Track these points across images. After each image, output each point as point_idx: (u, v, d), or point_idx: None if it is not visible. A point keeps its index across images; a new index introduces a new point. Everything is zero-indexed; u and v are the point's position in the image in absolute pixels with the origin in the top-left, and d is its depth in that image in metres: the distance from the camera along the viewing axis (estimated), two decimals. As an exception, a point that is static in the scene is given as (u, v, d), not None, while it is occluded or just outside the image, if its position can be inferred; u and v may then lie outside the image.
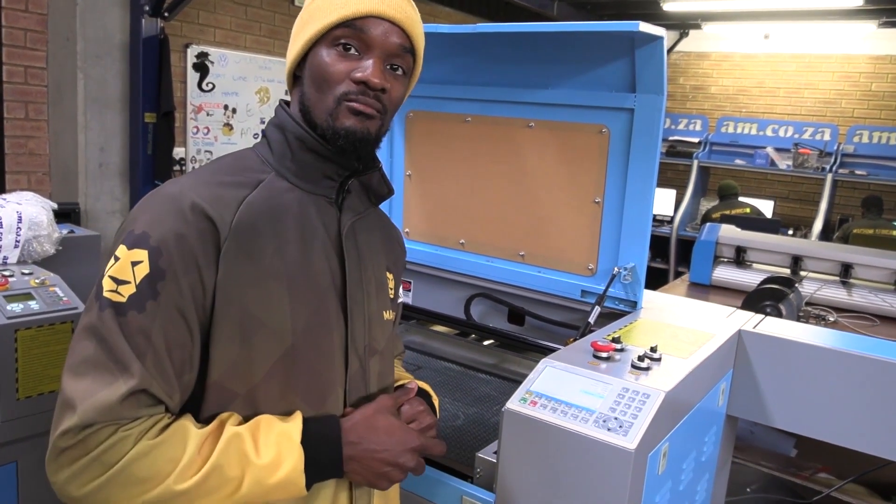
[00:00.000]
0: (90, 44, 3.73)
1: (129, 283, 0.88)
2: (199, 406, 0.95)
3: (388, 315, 1.15)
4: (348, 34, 0.99)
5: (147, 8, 3.75)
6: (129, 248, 0.89)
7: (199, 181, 0.97)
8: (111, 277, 0.88)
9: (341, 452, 0.96)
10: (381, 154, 2.04)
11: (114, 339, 0.86)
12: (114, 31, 3.81)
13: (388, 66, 1.02)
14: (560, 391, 1.16)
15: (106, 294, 0.88)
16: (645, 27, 1.38)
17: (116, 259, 0.89)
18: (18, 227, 2.20)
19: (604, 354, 1.26)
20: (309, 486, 0.93)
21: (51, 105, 3.81)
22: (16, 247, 2.20)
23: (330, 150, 1.02)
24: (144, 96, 3.85)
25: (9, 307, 1.92)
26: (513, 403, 1.15)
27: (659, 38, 1.45)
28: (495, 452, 1.21)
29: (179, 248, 0.89)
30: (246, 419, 0.95)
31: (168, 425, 0.89)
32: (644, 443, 1.06)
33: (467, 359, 1.94)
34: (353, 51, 0.99)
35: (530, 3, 6.23)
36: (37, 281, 2.06)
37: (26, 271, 2.11)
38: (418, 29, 1.05)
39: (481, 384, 1.77)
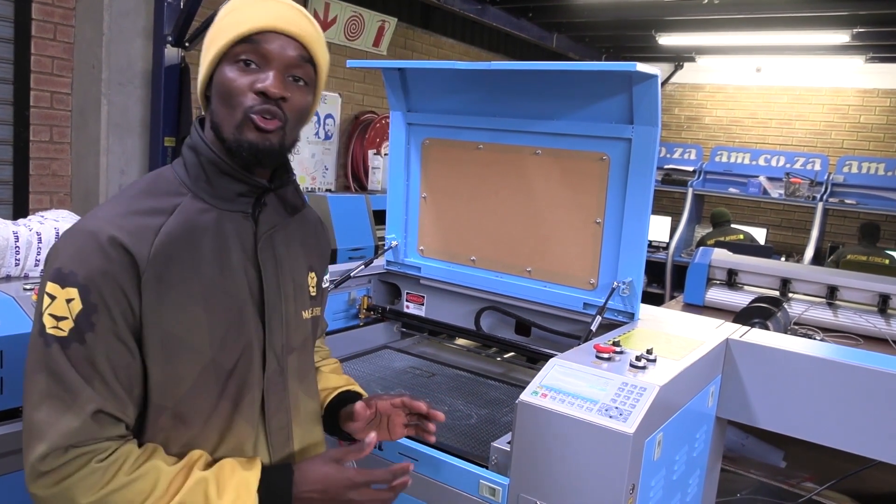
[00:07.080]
0: (114, 72, 3.92)
1: (66, 318, 0.97)
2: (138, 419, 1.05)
3: (308, 314, 1.25)
4: (247, 49, 1.07)
5: (170, 38, 3.94)
6: (62, 287, 0.97)
7: (116, 212, 1.03)
8: (51, 315, 0.97)
9: (290, 499, 1.08)
10: (399, 178, 2.22)
11: (62, 371, 0.96)
12: (137, 60, 4.00)
13: (289, 78, 1.09)
14: (567, 385, 1.31)
15: (49, 331, 0.97)
16: (641, 67, 1.56)
17: (52, 297, 0.97)
18: (56, 243, 2.35)
19: (605, 355, 1.42)
20: None
21: (74, 129, 3.99)
22: (53, 261, 2.36)
23: (242, 172, 1.10)
24: (165, 121, 4.03)
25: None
26: (526, 396, 1.31)
27: (653, 77, 1.63)
28: (509, 443, 1.36)
29: (105, 283, 0.98)
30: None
31: (143, 461, 0.99)
32: (641, 429, 1.21)
33: (477, 368, 2.09)
34: (253, 65, 1.07)
35: (530, 36, 6.44)
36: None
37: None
38: (317, 41, 1.13)
39: (491, 389, 1.92)
